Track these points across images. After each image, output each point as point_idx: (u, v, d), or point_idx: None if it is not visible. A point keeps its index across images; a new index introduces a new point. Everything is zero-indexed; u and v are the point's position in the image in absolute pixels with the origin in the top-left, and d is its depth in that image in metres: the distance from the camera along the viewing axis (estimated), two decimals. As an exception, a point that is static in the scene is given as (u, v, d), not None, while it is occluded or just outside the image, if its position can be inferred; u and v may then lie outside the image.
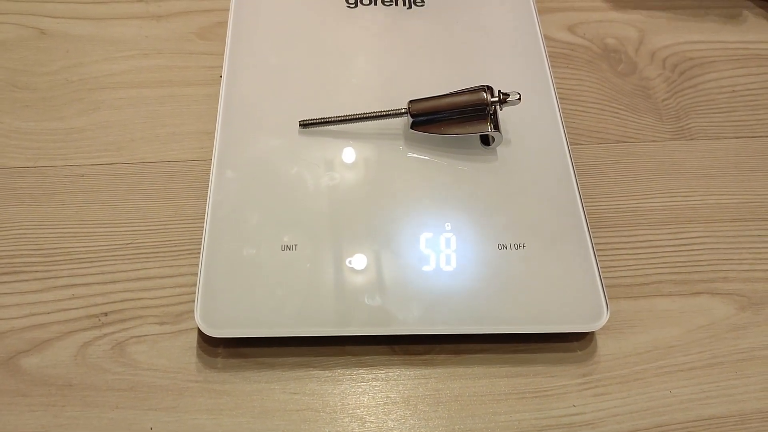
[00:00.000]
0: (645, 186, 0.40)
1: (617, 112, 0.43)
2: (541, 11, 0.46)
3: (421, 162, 0.38)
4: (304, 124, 0.38)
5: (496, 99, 0.37)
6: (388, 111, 0.38)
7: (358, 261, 0.34)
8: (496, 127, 0.37)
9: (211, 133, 0.38)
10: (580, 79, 0.45)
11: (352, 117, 0.38)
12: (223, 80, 0.40)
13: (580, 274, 0.35)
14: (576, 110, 0.43)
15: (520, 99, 0.37)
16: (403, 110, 0.37)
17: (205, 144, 0.39)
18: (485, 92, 0.37)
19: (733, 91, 0.45)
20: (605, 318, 0.33)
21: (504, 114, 0.38)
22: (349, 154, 0.38)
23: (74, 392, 0.32)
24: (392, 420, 0.32)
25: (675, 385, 0.33)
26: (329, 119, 0.38)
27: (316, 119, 0.38)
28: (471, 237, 0.35)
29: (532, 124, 0.39)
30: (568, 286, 0.34)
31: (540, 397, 0.33)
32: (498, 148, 0.38)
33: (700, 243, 0.38)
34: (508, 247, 0.35)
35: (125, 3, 0.46)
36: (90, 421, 0.31)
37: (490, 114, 0.37)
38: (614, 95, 0.44)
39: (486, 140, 0.38)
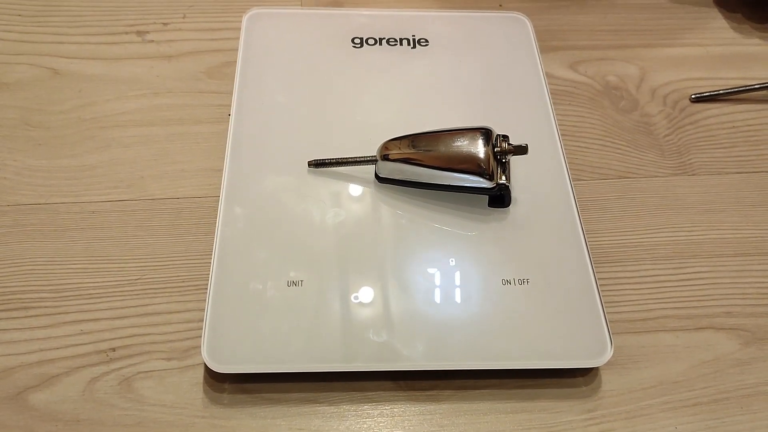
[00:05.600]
0: (648, 221, 0.40)
1: (619, 148, 0.44)
2: (543, 50, 0.47)
3: (425, 199, 0.38)
4: (314, 164, 0.39)
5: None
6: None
7: (363, 297, 0.35)
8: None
9: (220, 170, 0.39)
10: (582, 116, 0.45)
11: (362, 159, 0.38)
12: (232, 118, 0.41)
13: (583, 309, 0.35)
14: (578, 147, 0.44)
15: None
16: None
17: (214, 181, 0.40)
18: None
19: (734, 126, 0.45)
20: (609, 354, 0.34)
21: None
22: (354, 191, 0.39)
23: (82, 428, 0.32)
24: (397, 456, 0.32)
25: (680, 421, 0.33)
26: (338, 160, 0.39)
27: (326, 159, 0.39)
28: (475, 273, 0.36)
29: (535, 160, 0.39)
30: (572, 322, 0.35)
31: (545, 433, 0.33)
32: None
33: (704, 278, 0.38)
34: (512, 282, 0.35)
35: (137, 43, 0.47)
36: (97, 457, 0.32)
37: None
38: (616, 131, 0.45)
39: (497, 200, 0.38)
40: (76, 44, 0.47)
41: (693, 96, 0.47)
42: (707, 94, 0.47)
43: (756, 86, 0.47)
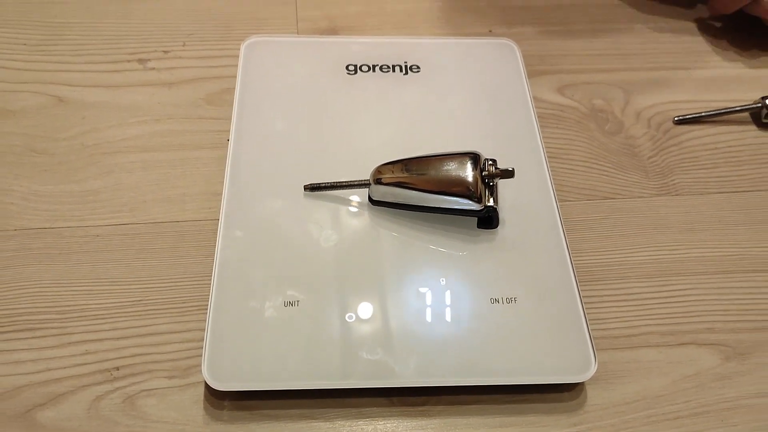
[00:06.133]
0: (632, 240, 0.42)
1: (605, 170, 0.45)
2: (530, 74, 0.48)
3: (417, 221, 0.40)
4: (310, 188, 0.40)
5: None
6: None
7: (358, 316, 0.36)
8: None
9: (219, 194, 0.41)
10: (568, 138, 0.47)
11: (355, 183, 0.40)
12: (231, 144, 0.43)
13: (569, 326, 0.36)
14: (564, 168, 0.45)
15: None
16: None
17: (213, 204, 0.41)
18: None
19: (716, 148, 0.47)
20: (593, 369, 0.35)
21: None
22: (348, 213, 0.40)
23: (87, 445, 0.34)
24: (391, 470, 0.33)
25: (663, 434, 0.35)
26: (333, 184, 0.40)
27: (321, 183, 0.40)
28: (464, 292, 0.37)
29: (523, 182, 0.41)
30: (558, 339, 0.36)
31: (533, 447, 0.34)
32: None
33: (686, 295, 0.40)
34: (500, 301, 0.37)
35: (138, 71, 0.49)
36: (101, 472, 0.33)
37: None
38: (602, 153, 0.46)
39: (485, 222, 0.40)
40: (79, 72, 0.49)
41: (676, 118, 0.48)
42: (690, 116, 0.48)
43: (737, 108, 0.48)
